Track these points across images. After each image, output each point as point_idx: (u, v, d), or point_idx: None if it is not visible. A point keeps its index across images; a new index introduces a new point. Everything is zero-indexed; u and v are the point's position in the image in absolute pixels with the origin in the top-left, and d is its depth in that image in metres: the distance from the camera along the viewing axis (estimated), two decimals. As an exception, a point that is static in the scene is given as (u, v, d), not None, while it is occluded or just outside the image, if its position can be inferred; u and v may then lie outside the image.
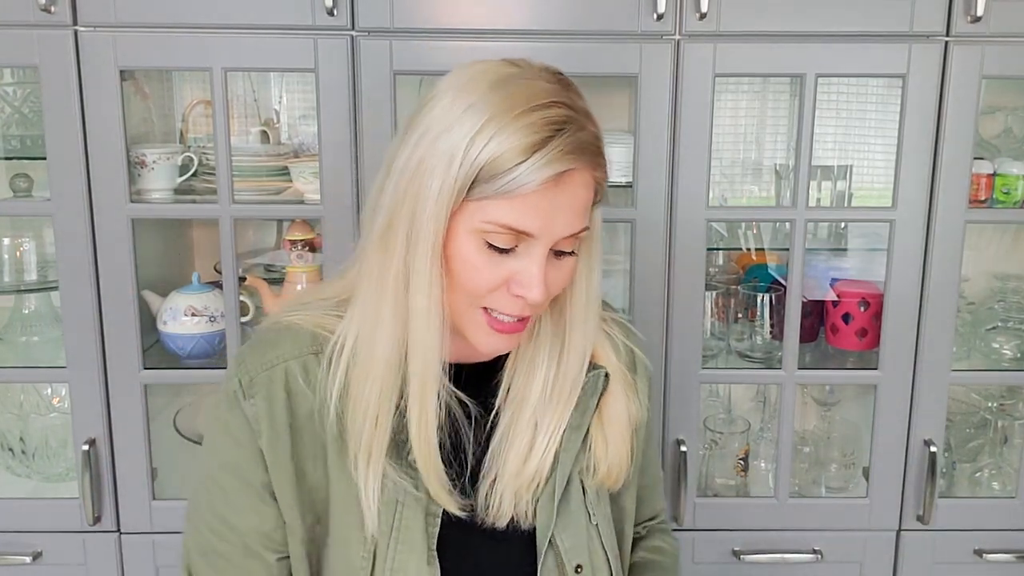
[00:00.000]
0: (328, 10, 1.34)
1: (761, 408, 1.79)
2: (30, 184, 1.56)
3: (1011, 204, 1.50)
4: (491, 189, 0.80)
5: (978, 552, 1.55)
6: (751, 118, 1.72)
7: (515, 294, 0.85)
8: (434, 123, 0.83)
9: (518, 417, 0.95)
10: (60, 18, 1.34)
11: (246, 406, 0.91)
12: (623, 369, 1.01)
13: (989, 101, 1.64)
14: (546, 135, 0.80)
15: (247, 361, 0.93)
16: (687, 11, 1.36)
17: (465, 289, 0.85)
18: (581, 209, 0.85)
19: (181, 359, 1.52)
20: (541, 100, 0.81)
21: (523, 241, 0.83)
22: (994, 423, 1.70)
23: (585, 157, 0.83)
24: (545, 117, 0.80)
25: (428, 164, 0.82)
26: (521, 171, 0.79)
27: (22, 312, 1.61)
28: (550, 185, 0.80)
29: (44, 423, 1.61)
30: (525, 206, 0.81)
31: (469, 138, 0.80)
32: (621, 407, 0.99)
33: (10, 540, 1.50)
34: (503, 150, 0.79)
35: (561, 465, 0.96)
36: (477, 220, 0.82)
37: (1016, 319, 1.66)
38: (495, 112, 0.80)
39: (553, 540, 0.96)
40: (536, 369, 0.96)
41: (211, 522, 0.95)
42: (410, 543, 0.91)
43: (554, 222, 0.83)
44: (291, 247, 1.57)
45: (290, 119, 1.71)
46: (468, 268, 0.84)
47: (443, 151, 0.81)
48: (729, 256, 1.76)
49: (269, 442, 0.91)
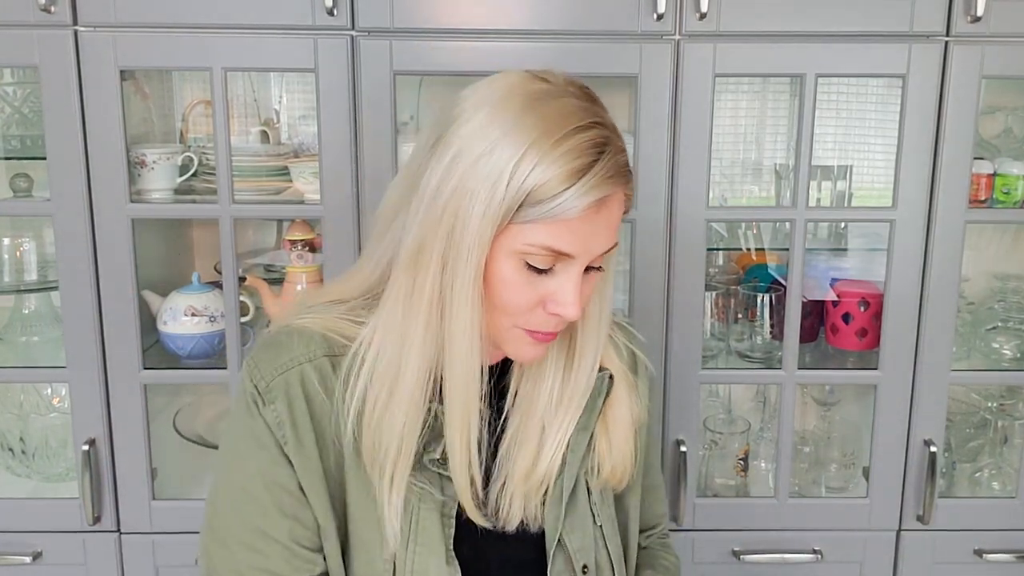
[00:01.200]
0: (328, 10, 1.34)
1: (761, 408, 1.79)
2: (30, 184, 1.56)
3: (1011, 204, 1.50)
4: (536, 214, 0.81)
5: (978, 552, 1.55)
6: (751, 118, 1.72)
7: (551, 312, 0.86)
8: (470, 144, 0.82)
9: (527, 421, 0.96)
10: (60, 18, 1.34)
11: (266, 412, 0.89)
12: (625, 370, 1.02)
13: (989, 101, 1.64)
14: (589, 160, 0.81)
15: (260, 366, 0.91)
16: (687, 11, 1.36)
17: (502, 308, 0.86)
18: (616, 228, 0.87)
19: (181, 359, 1.52)
20: (578, 122, 0.82)
21: (561, 261, 0.84)
22: (994, 423, 1.70)
23: (622, 179, 0.84)
24: (585, 140, 0.81)
25: (469, 187, 0.81)
26: (566, 197, 0.80)
27: (22, 312, 1.61)
28: (593, 210, 0.82)
29: (44, 423, 1.61)
30: (568, 230, 0.82)
31: (513, 164, 0.80)
32: (625, 408, 1.00)
33: (10, 540, 1.51)
34: (548, 177, 0.79)
35: (568, 466, 0.96)
36: (519, 243, 0.82)
37: (1016, 319, 1.66)
38: (537, 136, 0.80)
39: (562, 541, 0.96)
40: (545, 374, 0.96)
41: (247, 539, 0.91)
42: (428, 545, 0.91)
43: (592, 243, 0.84)
44: (291, 247, 1.57)
45: (290, 119, 1.71)
46: (506, 288, 0.85)
47: (485, 175, 0.80)
48: (729, 256, 1.76)
49: (295, 447, 0.89)
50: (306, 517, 0.91)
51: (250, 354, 0.94)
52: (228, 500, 0.92)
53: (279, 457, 0.90)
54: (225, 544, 0.92)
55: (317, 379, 0.90)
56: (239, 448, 0.92)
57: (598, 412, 0.98)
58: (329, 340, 0.92)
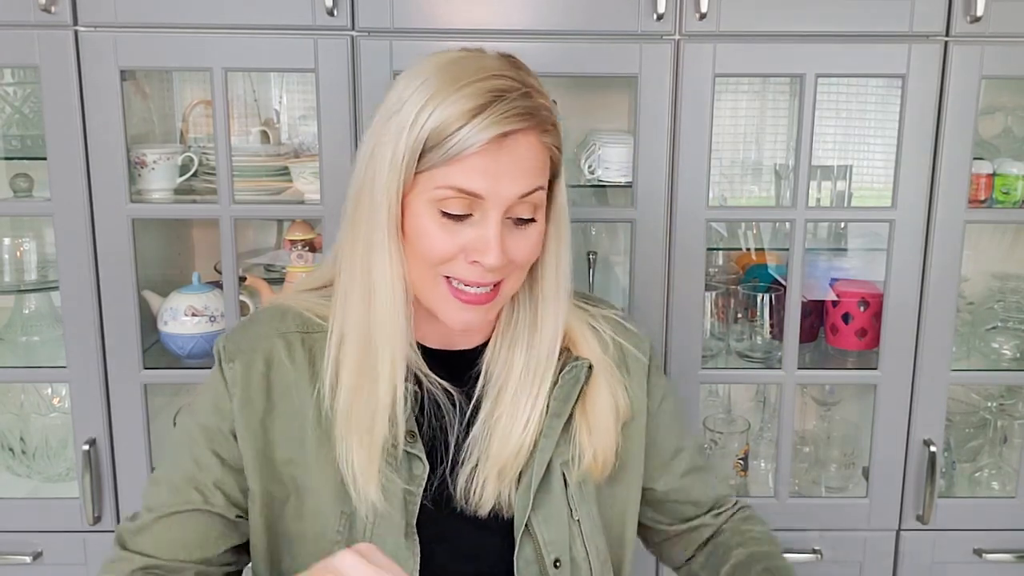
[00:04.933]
0: (328, 10, 1.34)
1: (761, 408, 1.79)
2: (30, 184, 1.56)
3: (1011, 204, 1.50)
4: (438, 156, 0.84)
5: (978, 552, 1.55)
6: (751, 118, 1.72)
7: (471, 260, 0.87)
8: (387, 107, 0.88)
9: (498, 402, 0.96)
10: (60, 18, 1.34)
11: (226, 368, 0.95)
12: (610, 363, 1.01)
13: (989, 101, 1.64)
14: (487, 100, 0.84)
15: (233, 334, 0.98)
16: (687, 11, 1.36)
17: (424, 258, 0.88)
18: (528, 170, 0.87)
19: (181, 359, 1.52)
20: (486, 73, 0.85)
21: (477, 208, 0.86)
22: (994, 423, 1.70)
23: (528, 120, 0.86)
24: (487, 86, 0.84)
25: (381, 144, 0.87)
26: (463, 134, 0.83)
27: (22, 312, 1.61)
28: (493, 146, 0.84)
29: (44, 423, 1.61)
30: (470, 167, 0.84)
31: (416, 112, 0.85)
32: (606, 399, 0.99)
33: (10, 540, 1.50)
34: (445, 116, 0.84)
35: (540, 451, 0.96)
36: (430, 189, 0.86)
37: (1016, 319, 1.66)
38: (440, 86, 0.85)
39: (531, 529, 0.96)
40: (515, 353, 0.97)
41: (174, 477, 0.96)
42: (388, 518, 0.92)
43: (500, 183, 0.85)
44: (291, 247, 1.58)
45: (290, 119, 1.71)
46: (425, 237, 0.87)
47: (394, 129, 0.86)
48: (729, 256, 1.76)
49: (240, 404, 0.94)
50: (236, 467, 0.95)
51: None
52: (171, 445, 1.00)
53: (226, 408, 0.95)
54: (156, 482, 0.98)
55: (284, 350, 0.95)
56: (198, 396, 0.99)
57: (574, 400, 0.98)
58: (305, 318, 0.97)
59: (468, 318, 0.91)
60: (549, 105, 0.89)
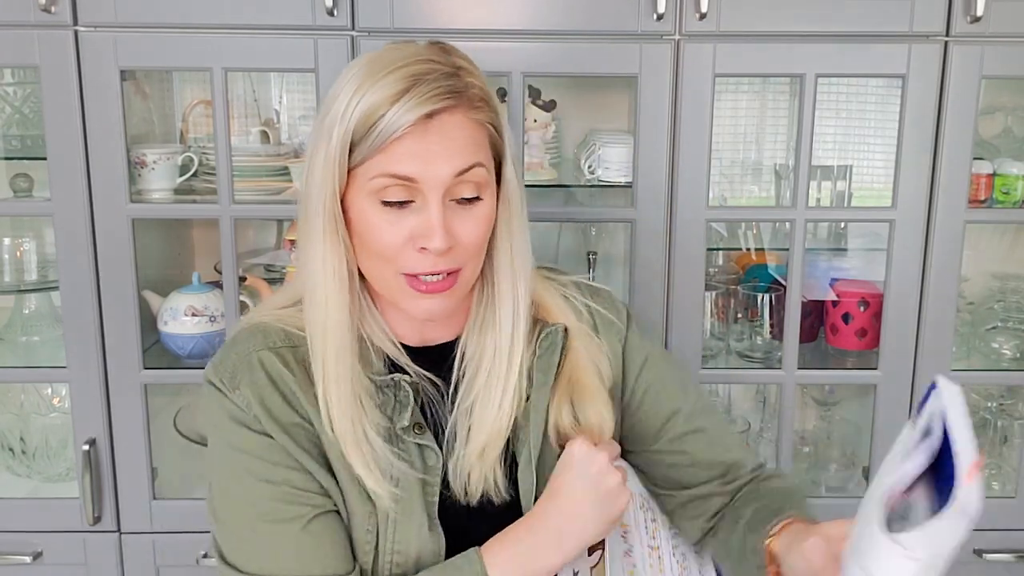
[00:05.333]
0: (328, 10, 1.34)
1: (761, 408, 1.79)
2: (30, 184, 1.56)
3: (1011, 204, 1.50)
4: (368, 146, 0.84)
5: (978, 552, 1.55)
6: (751, 118, 1.72)
7: (419, 248, 0.87)
8: (324, 107, 0.89)
9: (471, 387, 0.96)
10: (60, 18, 1.34)
11: (235, 398, 0.91)
12: (585, 329, 1.01)
13: (989, 101, 1.64)
14: (409, 84, 0.84)
15: (220, 362, 0.94)
16: (687, 11, 1.36)
17: (376, 253, 0.88)
18: (461, 149, 0.86)
19: (181, 359, 1.52)
20: (409, 60, 0.85)
21: (416, 194, 0.86)
22: (994, 423, 1.70)
23: (454, 99, 0.85)
24: (410, 71, 0.84)
25: (316, 142, 0.87)
26: (387, 120, 0.83)
27: (22, 312, 1.61)
28: (419, 128, 0.84)
29: (44, 423, 1.61)
30: (400, 152, 0.84)
31: (344, 106, 0.85)
32: (587, 361, 0.98)
33: (10, 540, 1.50)
34: (369, 104, 0.84)
35: (533, 427, 0.96)
36: (366, 181, 0.86)
37: (1016, 319, 1.66)
38: (365, 76, 0.85)
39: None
40: (485, 336, 0.96)
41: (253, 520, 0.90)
42: (409, 513, 0.92)
43: (432, 164, 0.85)
44: (291, 247, 1.58)
45: (290, 119, 1.71)
46: (371, 230, 0.87)
47: (326, 125, 0.86)
48: (729, 256, 1.76)
49: (270, 423, 0.90)
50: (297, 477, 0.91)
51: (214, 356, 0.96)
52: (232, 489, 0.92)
53: (258, 435, 0.91)
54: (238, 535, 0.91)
55: (279, 362, 0.93)
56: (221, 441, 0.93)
57: (556, 367, 0.97)
58: (287, 332, 0.95)
59: (429, 306, 0.90)
60: (480, 83, 0.88)
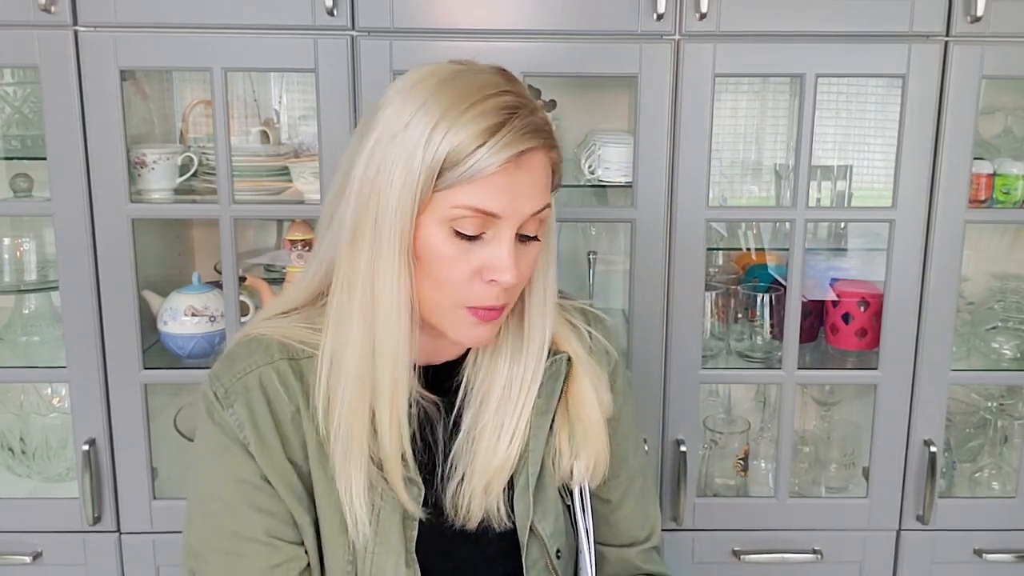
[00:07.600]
0: (328, 10, 1.34)
1: (761, 408, 1.79)
2: (30, 184, 1.56)
3: (1011, 204, 1.50)
4: (455, 176, 0.82)
5: (978, 552, 1.55)
6: (751, 118, 1.72)
7: (488, 280, 0.86)
8: (389, 126, 0.85)
9: (481, 413, 0.95)
10: (60, 18, 1.34)
11: (227, 416, 0.91)
12: (591, 361, 1.01)
13: (989, 101, 1.64)
14: (501, 119, 0.83)
15: (219, 375, 0.93)
16: (687, 11, 1.36)
17: (440, 283, 0.87)
18: (542, 187, 0.87)
19: (181, 359, 1.52)
20: (491, 90, 0.84)
21: (490, 226, 0.85)
22: (994, 423, 1.70)
23: (540, 137, 0.85)
24: (497, 103, 0.83)
25: (388, 164, 0.84)
26: (481, 155, 0.82)
27: (22, 312, 1.61)
28: (511, 165, 0.83)
29: (44, 423, 1.61)
30: (489, 187, 0.83)
31: (428, 133, 0.82)
32: (588, 390, 0.99)
33: (10, 540, 1.50)
34: (461, 139, 0.82)
35: (532, 453, 0.96)
36: (445, 209, 0.84)
37: (1016, 319, 1.66)
38: (448, 105, 0.83)
39: (535, 529, 0.96)
40: (498, 362, 0.96)
41: (223, 545, 0.91)
42: (387, 546, 0.92)
43: (518, 201, 0.85)
44: (291, 247, 1.58)
45: (290, 119, 1.71)
46: (440, 260, 0.86)
47: (402, 150, 0.83)
48: (729, 256, 1.76)
49: (258, 445, 0.90)
50: (280, 510, 0.91)
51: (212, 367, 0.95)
52: (199, 511, 0.93)
53: (244, 457, 0.90)
54: (203, 557, 0.92)
55: (277, 380, 0.92)
56: (204, 457, 0.93)
57: (558, 395, 0.98)
58: (287, 346, 0.93)
59: (481, 334, 0.90)
60: (550, 121, 0.89)
